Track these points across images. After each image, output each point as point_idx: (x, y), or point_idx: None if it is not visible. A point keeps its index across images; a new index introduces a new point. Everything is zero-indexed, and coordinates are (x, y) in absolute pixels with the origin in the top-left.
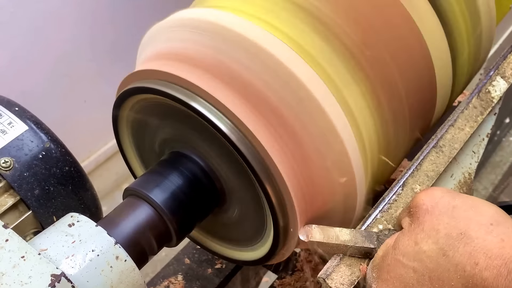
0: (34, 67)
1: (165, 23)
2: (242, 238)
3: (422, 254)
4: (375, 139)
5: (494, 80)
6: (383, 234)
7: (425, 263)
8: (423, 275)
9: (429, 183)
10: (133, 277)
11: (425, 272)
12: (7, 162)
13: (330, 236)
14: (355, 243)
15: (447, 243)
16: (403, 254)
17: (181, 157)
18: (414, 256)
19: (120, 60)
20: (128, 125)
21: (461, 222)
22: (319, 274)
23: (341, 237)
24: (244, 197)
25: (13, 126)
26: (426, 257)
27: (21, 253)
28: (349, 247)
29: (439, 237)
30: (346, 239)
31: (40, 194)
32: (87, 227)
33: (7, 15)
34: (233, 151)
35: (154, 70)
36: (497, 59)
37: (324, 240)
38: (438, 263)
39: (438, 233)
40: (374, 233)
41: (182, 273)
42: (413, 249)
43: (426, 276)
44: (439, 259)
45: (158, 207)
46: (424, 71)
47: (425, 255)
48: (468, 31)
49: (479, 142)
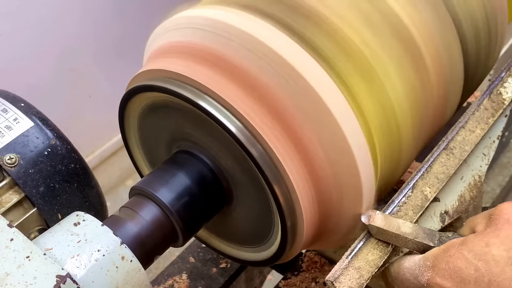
0: (40, 61)
1: (174, 20)
2: (248, 238)
3: (490, 257)
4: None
5: (505, 82)
6: (445, 235)
7: (490, 266)
8: (483, 277)
9: (439, 185)
10: (138, 278)
11: (486, 274)
12: (12, 158)
13: (391, 225)
14: (415, 237)
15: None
16: (470, 251)
17: (188, 156)
18: (481, 256)
19: (126, 55)
20: (135, 123)
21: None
22: (327, 277)
23: (403, 228)
24: (251, 197)
25: (19, 122)
26: (493, 260)
27: (26, 253)
28: (408, 240)
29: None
30: (407, 232)
31: (45, 191)
32: (92, 226)
33: (13, 8)
34: (240, 150)
35: (162, 69)
36: (509, 60)
37: (385, 227)
38: (503, 270)
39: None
40: (437, 232)
41: (186, 272)
42: (482, 249)
43: (486, 278)
44: (506, 266)
45: (165, 207)
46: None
47: (493, 258)
48: (479, 28)
49: (489, 145)
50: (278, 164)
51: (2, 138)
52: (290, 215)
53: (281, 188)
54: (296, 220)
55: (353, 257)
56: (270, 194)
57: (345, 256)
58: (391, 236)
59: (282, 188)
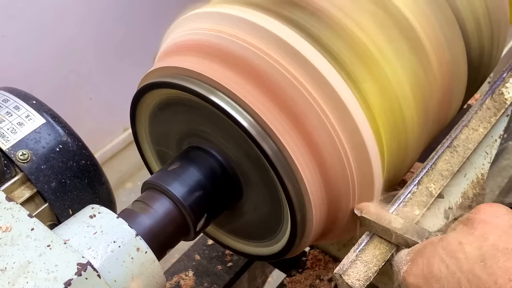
0: (41, 63)
1: (188, 17)
2: (257, 233)
3: (462, 254)
4: (395, 145)
5: (507, 82)
6: (435, 234)
7: (460, 263)
8: (454, 273)
9: (443, 182)
10: (153, 269)
11: (457, 271)
12: (24, 154)
13: (383, 219)
14: (404, 233)
15: (490, 253)
16: (444, 248)
17: (199, 151)
18: (453, 253)
19: (127, 58)
20: (146, 118)
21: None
22: (335, 270)
23: (393, 223)
24: (261, 192)
25: (31, 119)
26: (464, 258)
27: (47, 242)
28: (397, 235)
29: (485, 245)
30: (397, 227)
31: (56, 187)
32: (108, 218)
33: (16, 10)
34: (252, 145)
35: (174, 66)
36: (510, 61)
37: (376, 220)
38: (473, 267)
39: (485, 241)
40: (427, 231)
41: (192, 269)
42: (455, 247)
43: (456, 275)
44: (476, 264)
45: (177, 201)
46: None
47: (464, 256)
48: (481, 28)
49: (491, 143)
50: (289, 159)
51: (15, 135)
52: (300, 209)
53: (292, 183)
54: (306, 213)
55: (360, 251)
56: (281, 189)
57: (353, 250)
58: (381, 229)
59: (292, 182)
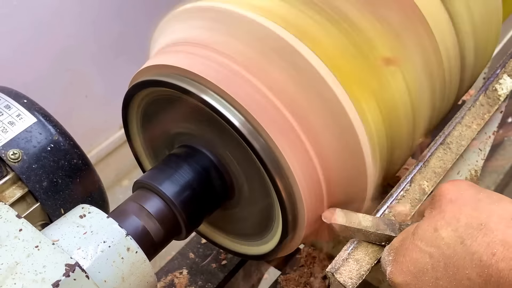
0: (36, 61)
1: (178, 13)
2: (249, 232)
3: (440, 241)
4: (384, 142)
5: (501, 78)
6: (405, 224)
7: (442, 250)
8: (439, 261)
9: (436, 179)
10: (143, 269)
11: (441, 259)
12: (15, 154)
13: (352, 221)
14: (376, 230)
15: (466, 232)
16: (421, 239)
17: (191, 150)
18: (432, 242)
19: (122, 56)
20: (138, 117)
21: (483, 214)
22: (328, 268)
23: (363, 222)
24: (253, 191)
25: (22, 118)
26: (444, 244)
27: (35, 242)
28: (370, 233)
29: (459, 226)
30: (367, 225)
31: (48, 186)
32: (98, 218)
33: (10, 8)
34: (243, 144)
35: (166, 64)
36: (504, 57)
37: (346, 223)
38: (455, 250)
39: (458, 221)
40: (397, 222)
41: (186, 267)
42: (431, 235)
43: (442, 263)
44: (456, 246)
45: (168, 200)
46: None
47: (443, 241)
48: (475, 25)
49: (485, 140)
50: (280, 157)
51: (6, 134)
52: (292, 207)
53: (283, 181)
54: (297, 212)
55: (353, 249)
56: (272, 187)
57: (345, 248)
58: (354, 231)
59: (284, 181)
